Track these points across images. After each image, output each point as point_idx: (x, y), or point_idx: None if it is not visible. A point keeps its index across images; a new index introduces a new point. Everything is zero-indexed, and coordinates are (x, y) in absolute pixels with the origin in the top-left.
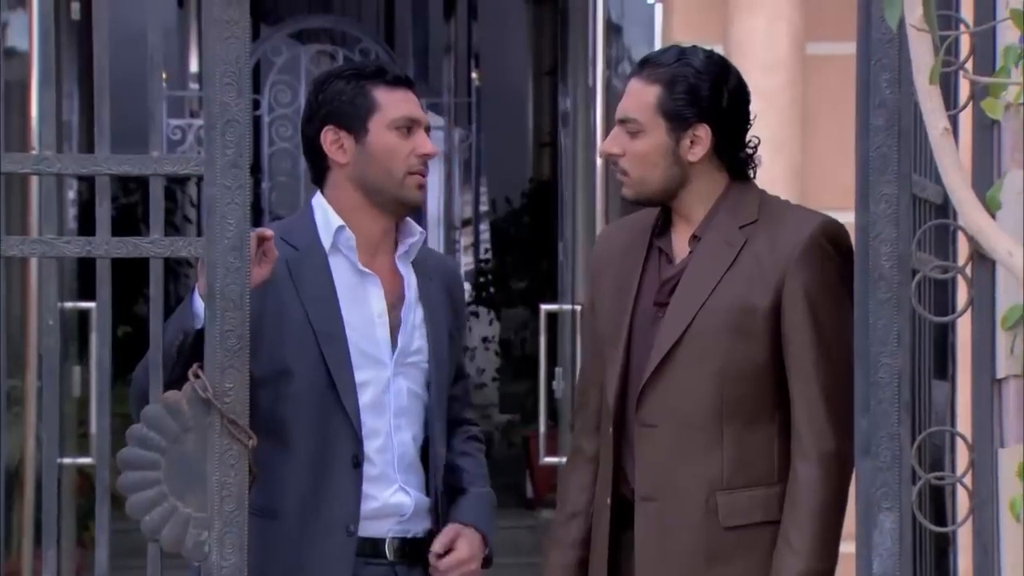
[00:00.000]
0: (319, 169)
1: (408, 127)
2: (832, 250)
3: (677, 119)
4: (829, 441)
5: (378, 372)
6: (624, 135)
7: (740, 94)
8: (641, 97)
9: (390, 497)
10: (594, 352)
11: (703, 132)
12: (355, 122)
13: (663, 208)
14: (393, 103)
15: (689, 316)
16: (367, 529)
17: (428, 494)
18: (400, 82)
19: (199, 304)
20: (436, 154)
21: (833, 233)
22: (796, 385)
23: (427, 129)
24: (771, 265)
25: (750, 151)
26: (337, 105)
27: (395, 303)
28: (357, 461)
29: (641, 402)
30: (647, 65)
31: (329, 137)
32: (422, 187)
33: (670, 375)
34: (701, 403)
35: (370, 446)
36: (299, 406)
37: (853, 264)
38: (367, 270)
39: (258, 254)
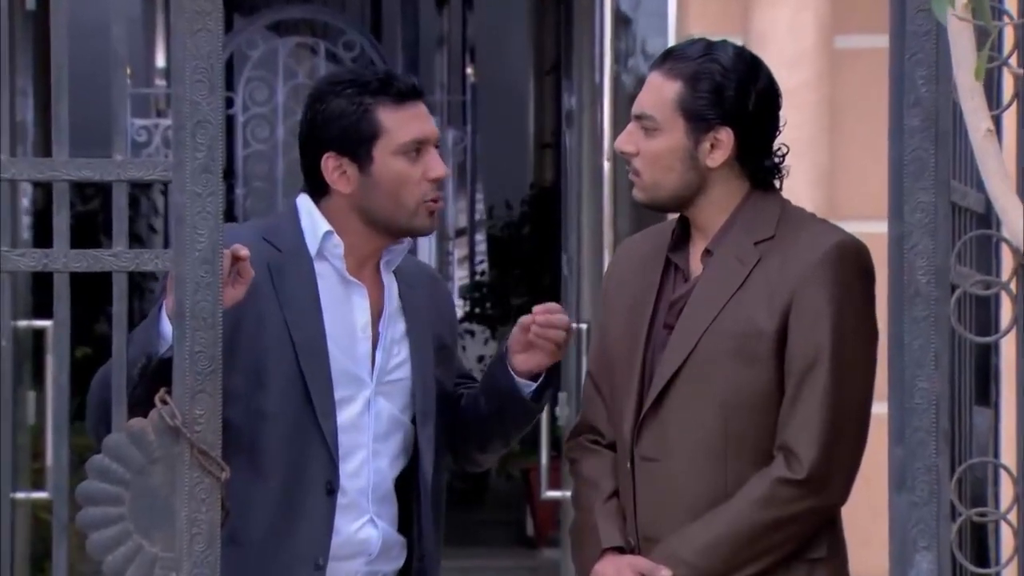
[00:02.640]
0: (317, 190)
1: (417, 149)
2: (847, 270)
3: (698, 120)
4: (802, 469)
5: (358, 391)
6: (639, 132)
7: (769, 97)
8: (660, 92)
9: (357, 531)
10: (600, 382)
11: (725, 136)
12: (359, 149)
13: (680, 218)
14: (401, 124)
15: (692, 341)
16: (335, 571)
17: (400, 529)
18: (408, 95)
19: (167, 326)
20: (448, 175)
21: (849, 252)
22: (788, 404)
23: (437, 143)
24: (780, 286)
25: (777, 159)
26: (339, 129)
27: (379, 317)
28: (331, 488)
29: (641, 433)
30: (670, 57)
31: (330, 164)
32: (433, 214)
33: (672, 405)
34: (704, 436)
35: (343, 471)
36: (272, 424)
37: (872, 286)
38: (353, 279)
39: (232, 273)
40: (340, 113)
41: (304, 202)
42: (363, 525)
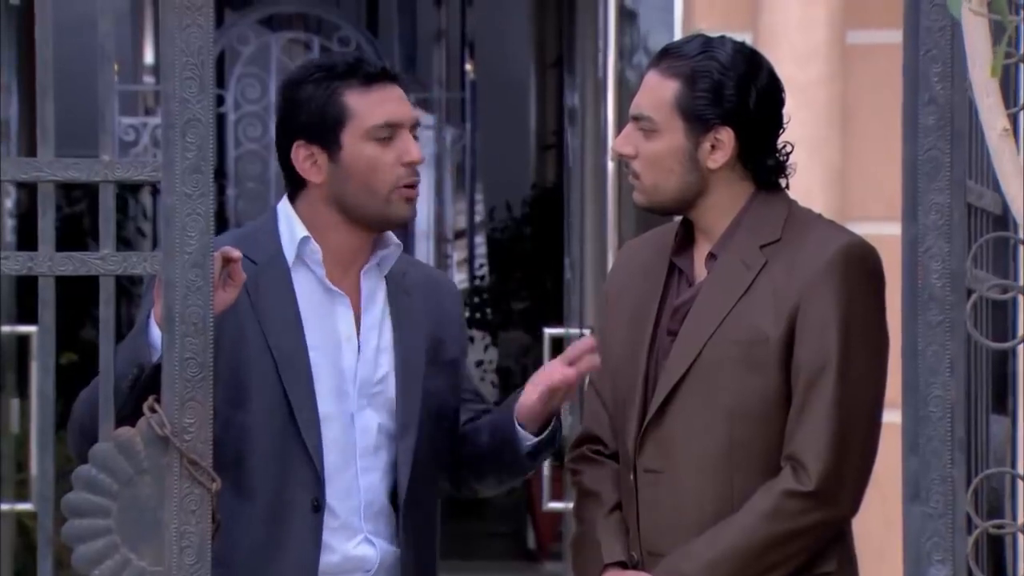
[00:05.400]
0: (294, 184)
1: (389, 134)
2: (855, 275)
3: (697, 120)
4: (810, 481)
5: (343, 404)
6: (637, 134)
7: (771, 94)
8: (657, 92)
9: (353, 549)
10: (602, 390)
11: (726, 136)
12: (327, 135)
13: (684, 220)
14: (369, 107)
15: (696, 348)
16: None
17: (399, 545)
18: (377, 77)
19: (156, 333)
20: (424, 160)
21: (857, 256)
22: (795, 414)
23: (415, 127)
24: (786, 291)
25: (781, 158)
26: (306, 116)
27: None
28: (317, 505)
29: (644, 444)
30: (667, 56)
31: (301, 154)
32: (411, 201)
33: (676, 414)
34: (709, 447)
35: (332, 490)
36: (254, 441)
37: (881, 290)
38: (335, 288)
39: (222, 276)
40: (308, 99)
41: (283, 207)
42: (359, 543)
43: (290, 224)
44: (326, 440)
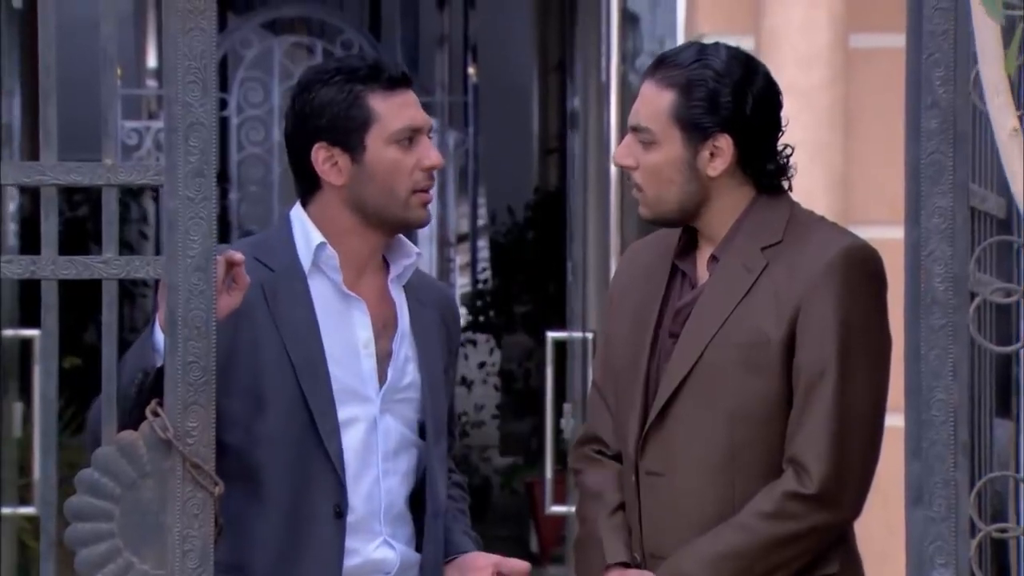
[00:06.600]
0: (308, 187)
1: (411, 137)
2: (855, 277)
3: (694, 129)
4: (813, 483)
5: (363, 409)
6: (636, 145)
7: (768, 99)
8: (654, 103)
9: (373, 551)
10: (605, 392)
11: (724, 143)
12: (351, 138)
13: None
14: (392, 112)
15: (698, 350)
16: None
17: (417, 548)
18: (398, 83)
19: (160, 338)
20: (443, 165)
21: (857, 258)
22: (796, 416)
23: (431, 131)
24: (787, 294)
25: (781, 161)
26: (329, 118)
27: (383, 331)
28: (340, 511)
29: (645, 447)
30: (662, 66)
31: (321, 155)
32: (426, 205)
33: (677, 417)
34: (710, 449)
35: (354, 493)
36: (274, 448)
37: (883, 292)
38: (352, 294)
39: (226, 280)
40: (330, 102)
41: (297, 213)
42: (379, 546)
43: (305, 230)
44: (347, 445)
